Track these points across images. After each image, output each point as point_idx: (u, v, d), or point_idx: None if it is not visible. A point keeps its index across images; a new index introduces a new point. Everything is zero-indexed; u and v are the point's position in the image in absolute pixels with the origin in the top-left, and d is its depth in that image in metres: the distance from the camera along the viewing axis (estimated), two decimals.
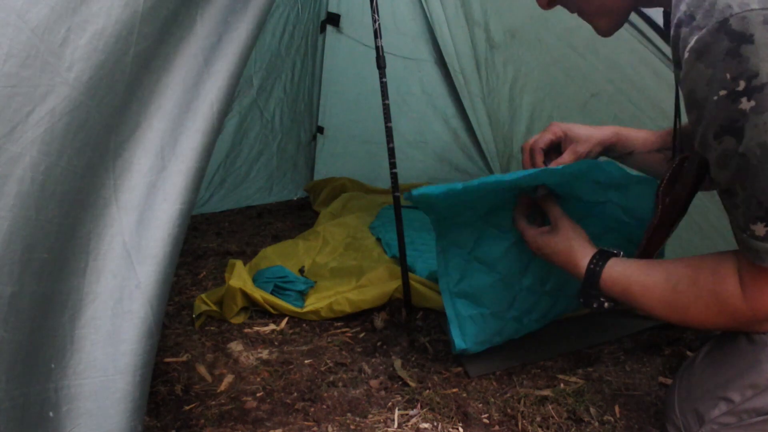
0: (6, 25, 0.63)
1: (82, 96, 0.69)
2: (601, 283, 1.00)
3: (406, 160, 2.66)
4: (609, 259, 1.00)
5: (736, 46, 0.71)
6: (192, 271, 2.03)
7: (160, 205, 0.80)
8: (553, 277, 1.29)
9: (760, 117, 0.72)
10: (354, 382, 1.29)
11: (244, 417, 1.17)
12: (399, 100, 2.77)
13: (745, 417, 0.88)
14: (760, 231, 0.77)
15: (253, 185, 2.98)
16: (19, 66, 0.64)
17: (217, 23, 0.85)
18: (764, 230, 0.77)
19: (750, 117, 0.73)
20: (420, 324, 1.55)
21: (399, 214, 1.57)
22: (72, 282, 0.74)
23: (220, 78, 0.85)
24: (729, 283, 0.84)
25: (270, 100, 2.89)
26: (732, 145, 0.76)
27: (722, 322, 0.89)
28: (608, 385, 1.23)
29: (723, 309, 0.86)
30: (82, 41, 0.68)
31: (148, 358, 0.79)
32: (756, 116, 0.72)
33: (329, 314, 1.59)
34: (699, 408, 0.93)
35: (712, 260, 0.88)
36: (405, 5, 2.82)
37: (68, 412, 0.72)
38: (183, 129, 0.83)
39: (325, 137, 3.16)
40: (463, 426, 1.11)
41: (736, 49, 0.71)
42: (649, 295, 0.95)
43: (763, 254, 0.79)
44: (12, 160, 0.63)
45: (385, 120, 1.58)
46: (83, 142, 0.71)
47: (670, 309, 0.93)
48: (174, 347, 1.46)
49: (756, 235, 0.78)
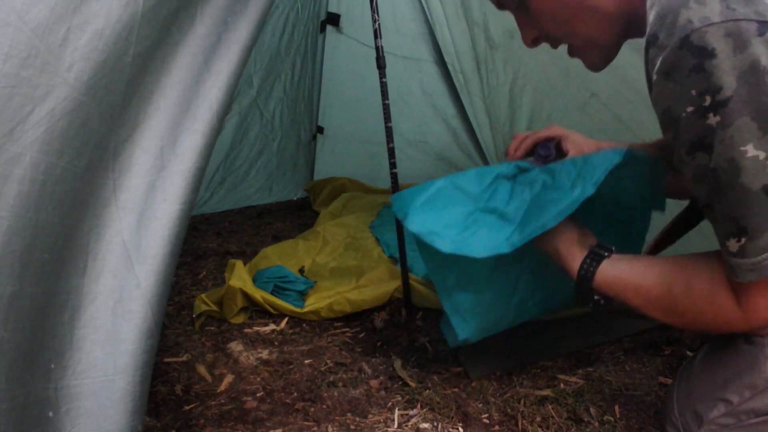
0: (6, 25, 0.63)
1: (82, 96, 0.69)
2: (594, 286, 0.98)
3: (406, 160, 2.66)
4: (602, 261, 0.98)
5: (700, 62, 0.71)
6: (192, 271, 2.03)
7: (159, 205, 0.80)
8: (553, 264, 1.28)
9: (726, 132, 0.72)
10: (354, 382, 1.29)
11: (244, 417, 1.17)
12: (399, 100, 2.77)
13: (743, 418, 0.88)
14: (734, 247, 0.77)
15: (253, 185, 2.98)
16: (19, 66, 0.63)
17: (216, 23, 0.85)
18: (737, 246, 0.76)
19: (717, 132, 0.72)
20: (420, 324, 1.55)
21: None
22: (72, 282, 0.74)
23: (219, 78, 0.85)
24: (723, 294, 0.83)
25: (270, 100, 2.89)
26: (705, 160, 0.76)
27: (718, 328, 0.89)
28: (608, 385, 1.23)
29: (718, 317, 0.85)
30: (82, 41, 0.68)
31: (148, 358, 0.79)
32: (722, 131, 0.72)
33: (329, 314, 1.59)
34: (698, 409, 0.93)
35: (707, 266, 0.87)
36: (405, 5, 2.82)
37: (68, 412, 0.72)
38: (183, 129, 0.83)
39: (325, 137, 3.16)
40: (463, 426, 1.11)
41: (700, 65, 0.71)
42: (644, 297, 0.93)
43: (737, 270, 0.78)
44: (12, 160, 0.63)
45: (385, 120, 1.58)
46: (83, 142, 0.71)
47: (666, 312, 0.92)
48: (174, 347, 1.46)
49: (730, 251, 0.77)
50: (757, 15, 0.69)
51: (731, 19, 0.69)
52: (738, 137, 0.71)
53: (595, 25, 0.90)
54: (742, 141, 0.71)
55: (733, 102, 0.70)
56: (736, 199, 0.74)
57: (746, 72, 0.69)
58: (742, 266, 0.76)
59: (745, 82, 0.70)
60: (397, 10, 2.80)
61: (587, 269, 0.98)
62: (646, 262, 0.96)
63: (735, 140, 0.71)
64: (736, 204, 0.75)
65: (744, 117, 0.70)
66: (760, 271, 0.76)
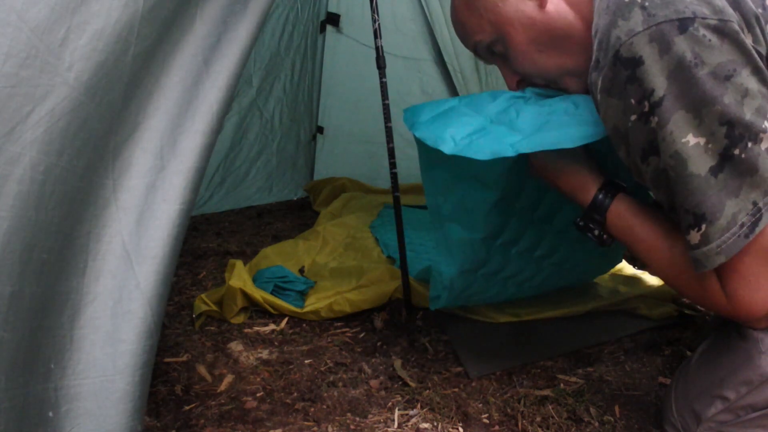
0: (6, 25, 0.63)
1: (81, 96, 0.69)
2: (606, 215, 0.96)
3: (406, 160, 2.65)
4: (619, 191, 0.96)
5: (632, 72, 0.75)
6: (192, 271, 2.03)
7: (159, 205, 0.80)
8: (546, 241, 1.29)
9: (665, 129, 0.75)
10: (354, 382, 1.29)
11: (244, 417, 1.17)
12: (399, 100, 2.76)
13: (741, 413, 0.88)
14: (695, 238, 0.78)
15: (252, 185, 2.98)
16: (19, 66, 0.64)
17: (216, 24, 0.85)
18: (698, 236, 0.77)
19: (658, 132, 0.76)
20: (420, 324, 1.55)
21: (399, 213, 1.57)
22: (71, 282, 0.74)
23: (219, 78, 0.85)
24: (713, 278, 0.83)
25: (269, 100, 2.89)
26: (657, 163, 0.79)
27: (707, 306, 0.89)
28: (608, 385, 1.23)
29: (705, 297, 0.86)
30: (82, 41, 0.68)
31: (147, 358, 0.79)
32: (661, 130, 0.76)
33: (329, 314, 1.59)
34: (696, 407, 0.93)
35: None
36: (405, 5, 2.82)
37: (68, 412, 0.72)
38: (182, 129, 0.83)
39: (325, 137, 3.16)
40: (463, 426, 1.11)
41: (632, 75, 0.75)
42: (650, 242, 0.92)
43: (702, 259, 0.78)
44: (12, 160, 0.63)
45: (385, 120, 1.58)
46: (83, 142, 0.71)
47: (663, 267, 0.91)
48: (174, 347, 1.46)
49: (692, 243, 0.79)
50: (677, 14, 0.73)
51: (653, 24, 0.73)
52: (677, 131, 0.75)
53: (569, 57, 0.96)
54: (681, 133, 0.74)
55: (666, 100, 0.74)
56: (689, 190, 0.76)
57: (674, 70, 0.73)
58: (708, 253, 0.77)
59: (675, 79, 0.73)
60: (397, 10, 2.81)
61: (603, 198, 0.96)
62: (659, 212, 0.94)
63: (675, 135, 0.75)
64: (690, 194, 0.77)
65: (679, 111, 0.74)
66: (727, 251, 0.76)
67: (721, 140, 0.74)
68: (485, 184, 1.12)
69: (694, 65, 0.72)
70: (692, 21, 0.72)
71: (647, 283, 1.69)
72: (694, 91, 0.73)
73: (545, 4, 0.94)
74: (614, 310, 1.52)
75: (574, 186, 0.99)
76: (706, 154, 0.74)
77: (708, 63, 0.72)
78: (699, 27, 0.72)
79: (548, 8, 0.94)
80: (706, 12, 0.73)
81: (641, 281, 1.72)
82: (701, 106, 0.73)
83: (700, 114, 0.73)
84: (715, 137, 0.74)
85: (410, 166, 2.87)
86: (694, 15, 0.73)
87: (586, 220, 0.99)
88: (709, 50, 0.72)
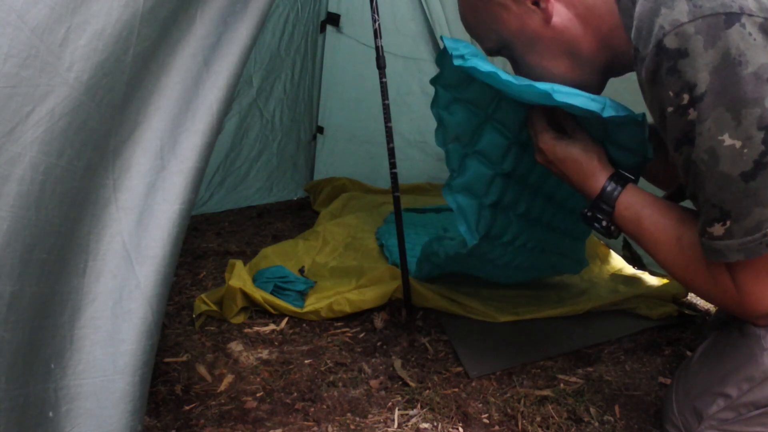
0: (6, 25, 0.62)
1: (82, 96, 0.69)
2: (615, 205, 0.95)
3: (406, 160, 2.66)
4: (628, 182, 0.96)
5: (674, 63, 0.74)
6: (192, 271, 2.03)
7: (159, 205, 0.80)
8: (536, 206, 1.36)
9: (704, 125, 0.74)
10: (354, 382, 1.29)
11: (244, 417, 1.17)
12: (399, 100, 2.77)
13: (743, 411, 0.88)
14: (719, 231, 0.79)
15: (253, 185, 2.98)
16: (19, 66, 0.63)
17: (216, 24, 0.85)
18: (722, 230, 0.79)
19: (696, 126, 0.75)
20: (420, 324, 1.55)
21: (399, 213, 1.57)
22: (71, 282, 0.74)
23: (219, 78, 0.85)
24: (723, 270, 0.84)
25: (270, 100, 2.88)
26: (689, 153, 0.79)
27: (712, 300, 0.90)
28: (608, 385, 1.23)
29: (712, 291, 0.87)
30: (82, 41, 0.68)
31: (147, 358, 0.79)
32: (700, 125, 0.75)
33: (329, 314, 1.59)
34: (697, 405, 0.93)
35: None
36: (405, 5, 2.82)
37: (68, 412, 0.72)
38: (182, 129, 0.83)
39: (325, 137, 3.16)
40: (463, 426, 1.12)
41: (674, 66, 0.74)
42: (657, 235, 0.92)
43: (724, 251, 0.80)
44: (12, 160, 0.63)
45: (385, 120, 1.58)
46: (83, 142, 0.71)
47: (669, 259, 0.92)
48: (174, 347, 1.46)
49: (714, 236, 0.80)
50: (724, 7, 0.71)
51: (699, 16, 0.71)
52: (715, 128, 0.74)
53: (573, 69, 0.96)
54: (719, 131, 0.74)
55: (708, 96, 0.73)
56: (718, 186, 0.77)
57: (718, 66, 0.72)
58: (730, 246, 0.79)
59: (718, 75, 0.72)
60: (397, 10, 2.80)
61: (614, 188, 0.95)
62: (669, 202, 0.95)
63: (712, 131, 0.74)
64: (717, 190, 0.77)
65: (719, 108, 0.73)
66: (746, 251, 0.78)
67: (757, 146, 0.72)
68: (505, 126, 1.21)
69: (738, 63, 0.70)
70: (739, 16, 0.70)
71: (647, 283, 1.69)
72: (735, 91, 0.71)
73: (551, 18, 0.91)
74: (614, 310, 1.52)
75: (585, 174, 0.98)
76: (741, 158, 0.74)
77: (752, 62, 0.70)
78: (745, 23, 0.70)
79: (554, 22, 0.91)
80: (752, 8, 0.70)
81: (641, 281, 1.72)
82: (741, 106, 0.71)
83: (739, 115, 0.72)
84: (752, 142, 0.72)
85: (410, 166, 2.90)
86: (741, 10, 0.70)
87: (594, 210, 0.98)
88: (754, 49, 0.70)
